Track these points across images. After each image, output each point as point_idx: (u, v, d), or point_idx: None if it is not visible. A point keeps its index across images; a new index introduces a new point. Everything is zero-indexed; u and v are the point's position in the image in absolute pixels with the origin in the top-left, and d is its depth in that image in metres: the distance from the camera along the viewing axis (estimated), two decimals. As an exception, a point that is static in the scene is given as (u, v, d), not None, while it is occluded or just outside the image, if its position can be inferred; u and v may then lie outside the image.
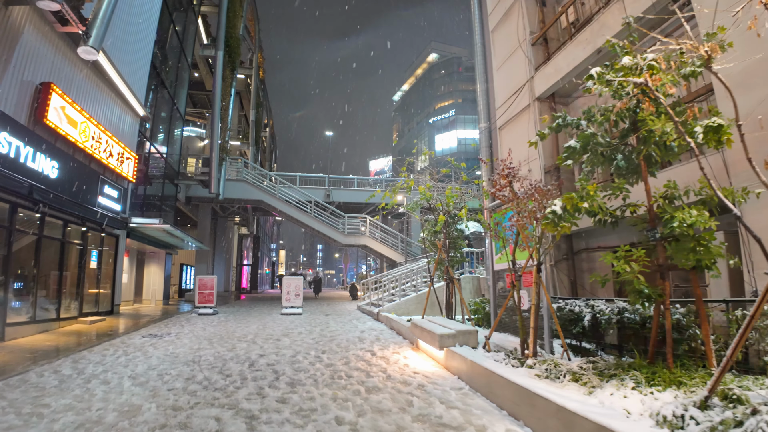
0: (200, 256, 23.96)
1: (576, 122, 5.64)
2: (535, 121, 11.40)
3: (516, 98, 12.25)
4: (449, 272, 9.33)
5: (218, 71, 20.04)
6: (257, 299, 25.82)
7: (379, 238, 23.99)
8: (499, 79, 13.48)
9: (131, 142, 13.50)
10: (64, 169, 9.58)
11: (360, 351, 7.63)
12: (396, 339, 8.98)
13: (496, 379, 4.96)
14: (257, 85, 33.79)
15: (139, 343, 8.18)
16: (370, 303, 15.32)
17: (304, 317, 13.15)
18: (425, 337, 7.18)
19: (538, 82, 11.39)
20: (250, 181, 23.41)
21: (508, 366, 5.45)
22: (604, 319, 6.39)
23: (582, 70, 9.92)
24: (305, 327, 10.71)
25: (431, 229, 11.04)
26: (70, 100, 9.77)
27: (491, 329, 6.79)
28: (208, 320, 12.15)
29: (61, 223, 10.02)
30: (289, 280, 14.53)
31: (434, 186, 9.42)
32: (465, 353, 6.07)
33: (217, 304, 14.32)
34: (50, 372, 5.96)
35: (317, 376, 5.84)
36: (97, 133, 10.95)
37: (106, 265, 12.61)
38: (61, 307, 10.02)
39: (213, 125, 19.97)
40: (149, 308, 16.18)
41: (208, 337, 9.05)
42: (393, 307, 12.13)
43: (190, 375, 5.83)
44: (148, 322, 11.25)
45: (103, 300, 12.30)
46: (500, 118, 12.93)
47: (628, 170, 5.24)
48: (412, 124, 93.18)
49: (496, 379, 4.96)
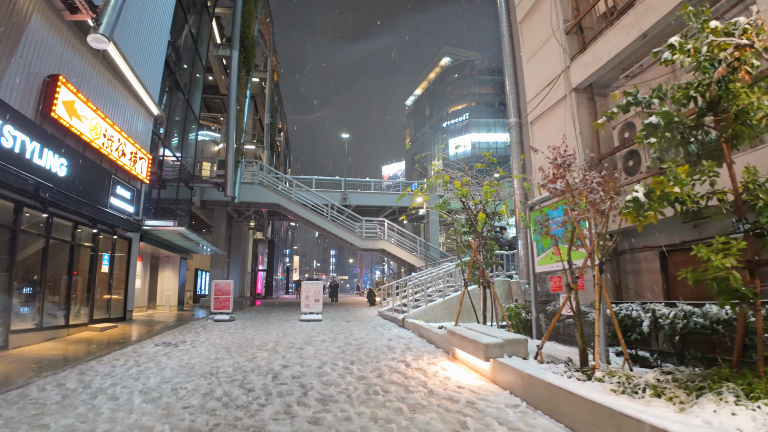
0: (215, 261, 23.46)
1: (648, 100, 4.93)
2: (572, 113, 10.64)
3: (550, 90, 11.50)
4: (485, 275, 8.58)
5: (233, 71, 19.59)
6: (273, 305, 25.24)
7: (397, 242, 23.27)
8: (530, 72, 12.75)
9: (145, 142, 13.00)
10: (73, 167, 9.06)
11: (392, 361, 6.91)
12: (428, 348, 8.24)
13: (563, 396, 4.23)
14: (272, 88, 33.43)
15: (151, 353, 7.55)
16: (392, 309, 14.59)
17: (324, 324, 12.47)
18: (466, 346, 6.43)
19: (575, 72, 10.63)
20: (266, 184, 22.89)
21: (573, 380, 4.72)
22: (667, 324, 5.65)
23: (624, 58, 9.21)
24: (328, 334, 10.01)
25: (461, 229, 10.34)
26: (79, 95, 9.27)
27: (543, 338, 6.02)
28: (225, 327, 11.53)
29: (70, 224, 9.48)
30: (308, 285, 13.87)
31: (471, 181, 8.68)
32: (517, 365, 5.32)
33: (233, 310, 13.71)
34: (53, 385, 5.34)
35: (350, 391, 5.13)
36: (109, 130, 10.44)
37: (118, 269, 12.08)
38: (70, 313, 9.47)
39: (228, 127, 19.50)
40: (163, 314, 15.64)
41: (225, 345, 8.41)
42: (419, 314, 11.39)
43: (208, 389, 5.16)
44: (162, 329, 10.66)
45: (115, 306, 11.75)
46: (532, 112, 12.19)
47: (704, 154, 4.51)
48: (425, 128, 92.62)
49: (563, 395, 4.23)
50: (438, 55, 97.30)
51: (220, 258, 23.36)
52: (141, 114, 12.77)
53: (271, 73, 33.47)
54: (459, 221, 10.49)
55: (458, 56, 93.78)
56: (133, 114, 12.23)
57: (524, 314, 9.45)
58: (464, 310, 11.80)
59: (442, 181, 8.83)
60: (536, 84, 12.22)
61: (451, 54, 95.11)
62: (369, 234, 23.13)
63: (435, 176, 8.86)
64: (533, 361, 5.75)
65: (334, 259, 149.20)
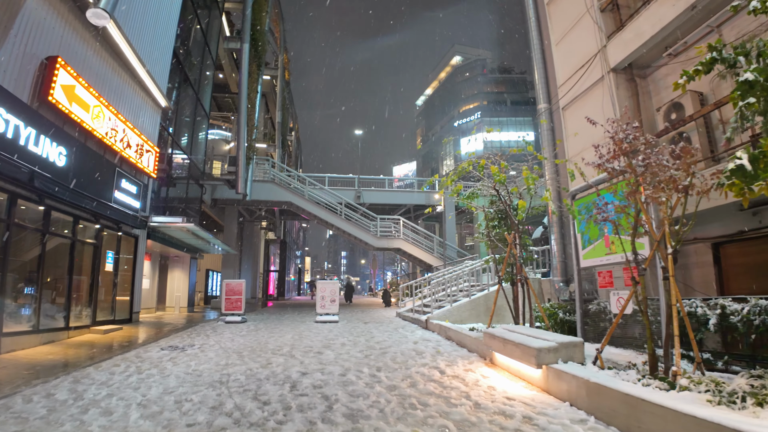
0: (227, 262, 22.86)
1: (733, 58, 4.11)
2: (611, 95, 9.80)
3: (585, 72, 10.66)
4: (522, 272, 7.75)
5: (244, 65, 18.96)
6: (286, 306, 24.57)
7: (413, 241, 22.47)
8: (560, 56, 11.93)
9: (152, 135, 12.38)
10: (73, 157, 8.41)
11: (423, 368, 6.12)
12: (460, 352, 7.43)
13: (648, 409, 3.45)
14: (283, 86, 32.86)
15: (156, 358, 6.84)
16: (412, 310, 13.80)
17: (341, 325, 11.71)
18: (510, 351, 5.62)
19: (614, 51, 9.80)
20: (279, 182, 22.25)
21: (652, 388, 3.95)
22: (740, 323, 4.87)
23: (668, 34, 8.38)
24: (347, 337, 9.24)
25: (490, 223, 9.54)
26: (80, 80, 8.63)
27: (604, 341, 5.19)
28: (237, 329, 10.82)
29: (70, 219, 8.83)
30: (324, 285, 13.12)
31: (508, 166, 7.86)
32: (578, 372, 4.51)
33: (245, 311, 13.01)
34: (42, 396, 4.64)
35: (382, 405, 4.36)
36: (113, 119, 9.80)
37: (124, 268, 11.44)
38: (71, 314, 8.81)
39: (239, 122, 18.88)
40: (172, 316, 15.01)
41: (237, 349, 7.68)
42: (443, 314, 10.59)
43: (217, 402, 4.42)
44: (170, 332, 9.98)
45: (120, 307, 11.10)
46: (564, 97, 11.35)
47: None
48: (436, 128, 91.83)
49: (648, 408, 3.46)
50: (449, 54, 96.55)
51: (231, 258, 22.76)
52: (148, 105, 12.15)
53: (282, 70, 32.92)
54: (488, 214, 9.70)
55: (469, 55, 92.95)
56: (139, 105, 11.60)
57: (561, 314, 8.62)
58: (489, 310, 10.99)
59: (475, 168, 8.01)
60: (567, 67, 11.40)
61: (462, 53, 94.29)
62: (384, 233, 22.37)
63: (467, 162, 8.04)
64: (592, 367, 4.95)
65: (345, 261, 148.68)
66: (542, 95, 12.18)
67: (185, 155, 16.31)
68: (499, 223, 9.47)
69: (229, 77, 26.95)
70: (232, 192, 20.53)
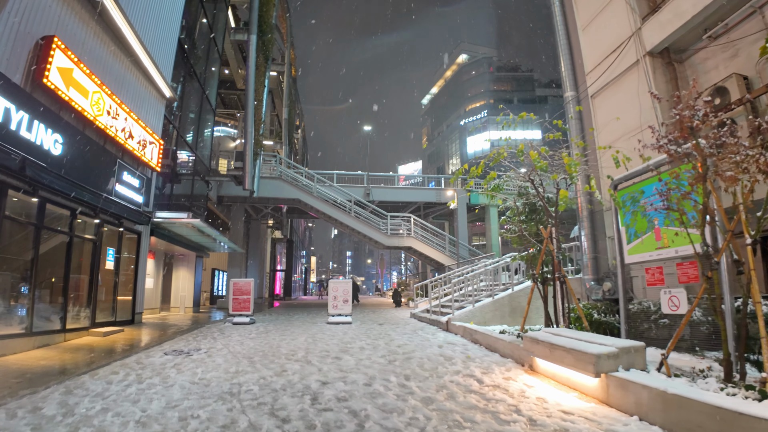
0: (233, 261, 22.29)
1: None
2: (648, 80, 9.12)
3: (617, 57, 9.99)
4: (560, 269, 7.07)
5: (251, 56, 18.36)
6: (293, 306, 23.97)
7: (425, 239, 21.81)
8: (587, 41, 11.27)
9: (155, 127, 11.77)
10: (70, 146, 7.82)
11: (457, 376, 5.46)
12: (492, 357, 6.76)
13: (746, 424, 2.83)
14: (290, 82, 32.28)
15: (159, 364, 6.22)
16: (428, 311, 13.14)
17: (356, 327, 11.06)
18: (560, 357, 4.95)
19: (649, 34, 9.13)
20: (286, 179, 21.64)
21: (739, 398, 3.33)
22: None
23: (710, 14, 7.73)
24: (364, 340, 8.58)
25: (515, 218, 8.88)
26: (80, 65, 8.03)
27: (671, 344, 4.52)
28: (245, 331, 10.19)
29: (67, 213, 8.22)
30: (336, 285, 12.47)
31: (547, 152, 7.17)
32: (649, 381, 3.86)
33: (253, 311, 12.38)
34: (27, 410, 4.03)
35: (421, 422, 3.71)
36: (114, 107, 9.20)
37: (126, 266, 10.84)
38: (68, 316, 8.20)
39: (246, 116, 18.28)
40: (177, 317, 14.41)
41: (247, 354, 7.04)
42: (465, 316, 9.91)
43: (228, 419, 3.78)
44: (174, 334, 9.36)
45: (122, 307, 10.48)
46: (593, 84, 10.67)
47: None
48: (441, 127, 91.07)
49: (745, 423, 2.84)
50: (455, 53, 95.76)
51: (238, 257, 22.18)
52: (152, 95, 11.55)
53: (288, 66, 32.32)
54: (514, 209, 9.03)
55: (475, 53, 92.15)
56: (142, 94, 11.01)
57: (596, 315, 7.96)
58: (514, 310, 10.31)
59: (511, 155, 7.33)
60: (596, 53, 10.73)
61: (468, 51, 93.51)
62: (394, 231, 21.73)
63: (502, 149, 7.36)
64: (658, 374, 4.30)
65: (350, 260, 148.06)
66: (569, 83, 11.47)
67: (191, 150, 15.72)
68: (528, 217, 8.81)
69: (236, 73, 26.39)
70: (238, 189, 19.94)
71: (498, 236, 27.13)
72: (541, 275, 7.93)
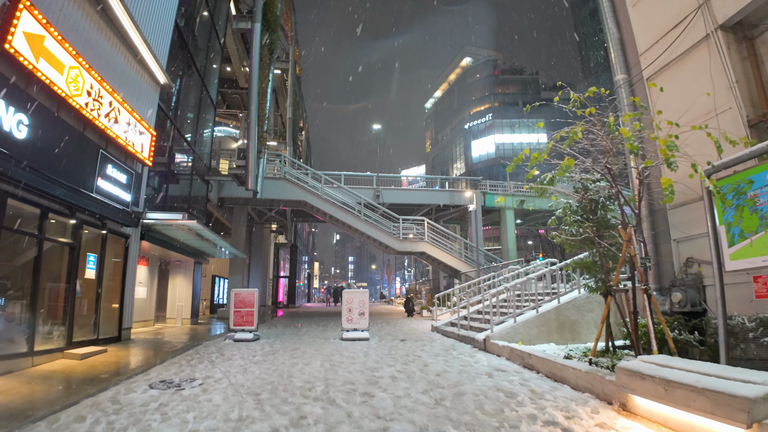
0: (234, 267, 20.85)
1: None
2: (722, 57, 7.76)
3: (681, 33, 8.65)
4: (643, 276, 5.66)
5: (255, 47, 16.99)
6: (298, 315, 22.50)
7: (440, 244, 20.38)
8: (640, 18, 9.96)
9: (148, 117, 10.39)
10: (39, 130, 6.44)
11: (536, 425, 4.03)
12: (563, 391, 5.30)
13: None
14: (294, 81, 31.00)
15: (139, 404, 4.78)
16: (454, 324, 11.70)
17: (376, 345, 9.60)
18: (686, 399, 3.52)
19: (721, 5, 7.78)
20: (292, 180, 20.24)
21: None
22: None
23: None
24: (393, 366, 7.10)
25: (568, 218, 7.51)
26: (52, 30, 6.67)
27: None
28: (248, 351, 8.74)
29: (36, 211, 6.80)
30: (351, 295, 10.99)
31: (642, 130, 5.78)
32: None
33: (257, 325, 10.91)
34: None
35: None
36: (96, 88, 7.83)
37: (111, 274, 9.41)
38: (37, 334, 6.76)
39: (250, 111, 16.90)
40: (173, 330, 12.97)
41: (252, 387, 5.59)
42: (507, 333, 8.46)
43: None
44: (166, 356, 7.92)
45: (106, 322, 9.03)
46: (651, 65, 9.31)
47: None
48: (446, 131, 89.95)
49: None
50: (458, 56, 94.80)
51: (239, 263, 20.76)
52: (143, 80, 10.18)
53: (293, 64, 31.07)
54: (566, 207, 7.64)
55: (479, 56, 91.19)
56: (132, 78, 9.64)
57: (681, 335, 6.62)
58: (563, 326, 8.88)
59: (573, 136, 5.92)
60: (653, 30, 9.38)
61: (472, 54, 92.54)
62: (406, 235, 20.33)
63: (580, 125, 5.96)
64: None
65: (352, 266, 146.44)
66: (619, 65, 10.17)
67: (188, 146, 14.35)
68: (584, 216, 7.44)
69: (238, 72, 25.16)
70: (240, 190, 18.56)
71: (514, 241, 25.70)
72: (601, 286, 6.60)
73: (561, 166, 5.71)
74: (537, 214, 28.92)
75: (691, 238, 7.72)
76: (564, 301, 8.99)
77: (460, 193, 24.30)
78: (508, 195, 26.13)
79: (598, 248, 6.59)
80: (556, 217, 7.79)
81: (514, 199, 25.94)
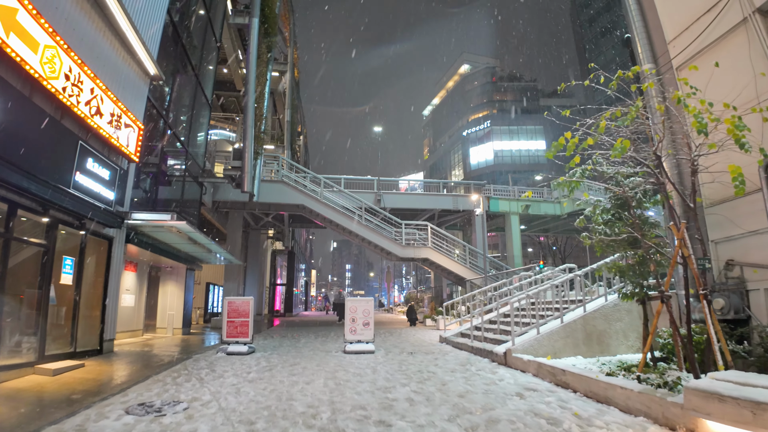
0: (230, 274, 19.97)
1: None
2: (762, 42, 7.11)
3: (715, 18, 7.99)
4: (700, 282, 4.90)
5: (253, 42, 16.30)
6: (295, 324, 21.60)
7: (443, 250, 19.60)
8: (667, 3, 9.31)
9: (136, 109, 9.61)
10: (8, 114, 5.65)
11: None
12: (612, 414, 4.49)
13: None
14: (292, 83, 30.31)
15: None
16: (465, 334, 10.89)
17: (382, 359, 8.76)
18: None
19: (763, -16, 7.10)
20: (290, 183, 19.45)
21: None
22: None
23: None
24: (407, 385, 6.26)
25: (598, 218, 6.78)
26: (28, 5, 5.91)
27: None
28: (242, 367, 7.87)
29: (4, 207, 5.98)
30: (355, 305, 10.13)
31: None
32: None
33: (252, 336, 10.06)
34: None
35: None
36: (76, 71, 7.04)
37: (92, 280, 8.55)
38: (2, 347, 5.92)
39: (246, 109, 16.16)
40: (162, 341, 12.09)
41: (246, 413, 4.74)
42: (531, 345, 7.64)
43: None
44: (150, 371, 7.06)
45: (85, 334, 8.15)
46: (681, 53, 8.63)
47: None
48: (444, 138, 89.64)
49: None
50: (456, 63, 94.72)
51: (235, 270, 19.90)
52: (131, 69, 9.40)
53: (291, 66, 30.40)
54: (596, 204, 6.90)
55: (477, 63, 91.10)
56: (118, 66, 8.87)
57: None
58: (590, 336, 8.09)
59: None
60: (682, 17, 8.72)
61: (470, 61, 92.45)
62: (410, 240, 19.55)
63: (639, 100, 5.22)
64: None
65: (349, 273, 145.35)
66: (645, 54, 9.49)
67: (181, 144, 13.56)
68: (615, 216, 6.71)
69: (235, 74, 24.45)
70: (236, 193, 17.77)
71: (520, 247, 24.93)
72: (631, 291, 5.85)
73: (615, 146, 4.95)
74: (540, 220, 28.22)
75: (732, 239, 6.99)
76: (590, 308, 8.20)
77: (464, 197, 23.59)
78: (513, 200, 25.41)
79: (645, 248, 5.81)
80: (584, 216, 7.05)
81: (519, 204, 25.22)
